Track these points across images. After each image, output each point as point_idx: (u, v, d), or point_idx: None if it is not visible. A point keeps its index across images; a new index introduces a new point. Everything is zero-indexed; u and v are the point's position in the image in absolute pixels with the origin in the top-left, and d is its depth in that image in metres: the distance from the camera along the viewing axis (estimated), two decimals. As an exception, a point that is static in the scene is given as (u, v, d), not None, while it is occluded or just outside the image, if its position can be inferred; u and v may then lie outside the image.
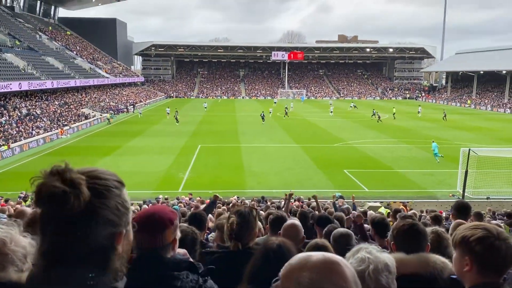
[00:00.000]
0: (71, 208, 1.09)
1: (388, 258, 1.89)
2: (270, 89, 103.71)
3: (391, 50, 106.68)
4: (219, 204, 13.97)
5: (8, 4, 69.53)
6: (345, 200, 15.84)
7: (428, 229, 3.28)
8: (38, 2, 79.42)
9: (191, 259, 2.12)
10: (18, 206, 11.88)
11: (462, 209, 5.10)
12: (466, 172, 20.13)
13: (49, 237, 1.13)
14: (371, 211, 13.59)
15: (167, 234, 1.92)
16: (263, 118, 47.03)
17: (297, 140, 35.92)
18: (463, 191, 20.20)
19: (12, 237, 1.73)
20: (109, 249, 1.19)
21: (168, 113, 52.12)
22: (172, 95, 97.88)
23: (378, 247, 1.95)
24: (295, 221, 3.94)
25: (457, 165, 22.26)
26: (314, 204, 12.82)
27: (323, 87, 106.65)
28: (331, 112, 58.19)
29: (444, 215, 12.52)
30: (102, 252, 1.18)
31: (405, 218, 3.16)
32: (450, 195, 20.80)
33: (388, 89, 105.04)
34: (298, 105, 75.05)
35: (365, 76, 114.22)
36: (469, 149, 20.54)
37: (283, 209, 9.49)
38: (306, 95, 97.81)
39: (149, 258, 1.88)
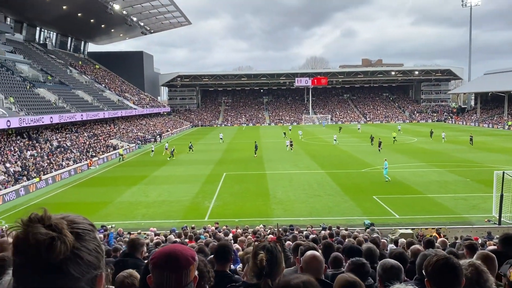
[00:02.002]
0: (59, 254, 1.06)
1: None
2: (294, 115, 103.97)
3: (416, 72, 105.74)
4: (245, 233, 13.78)
5: (41, 42, 72.98)
6: (376, 228, 15.40)
7: (464, 262, 3.08)
8: (69, 39, 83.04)
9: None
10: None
11: (509, 241, 4.85)
12: (502, 196, 19.33)
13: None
14: (402, 239, 13.13)
15: (191, 271, 1.82)
16: (256, 149, 43.51)
17: (323, 166, 35.53)
18: (499, 216, 19.36)
19: None
20: None
21: (167, 149, 46.11)
22: (197, 124, 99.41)
23: (415, 287, 1.82)
24: (316, 252, 3.82)
25: (491, 188, 21.46)
26: (344, 232, 12.49)
27: (349, 111, 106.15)
28: (335, 140, 52.47)
29: (480, 242, 11.96)
30: None
31: (437, 254, 3.00)
32: (486, 220, 19.96)
33: (415, 112, 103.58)
34: (320, 130, 74.74)
35: (391, 99, 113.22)
36: (503, 172, 19.79)
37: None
38: (332, 119, 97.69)
39: None
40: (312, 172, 33.21)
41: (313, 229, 16.31)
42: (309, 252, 3.67)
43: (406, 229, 17.70)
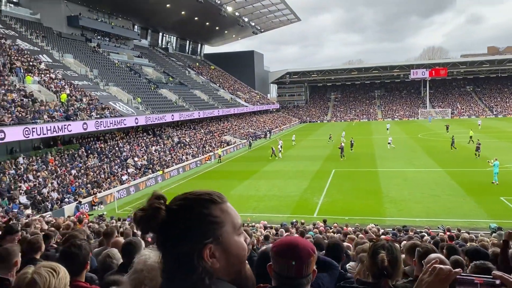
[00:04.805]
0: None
1: None
2: (409, 109, 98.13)
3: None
4: (357, 232, 13.41)
5: (163, 46, 79.69)
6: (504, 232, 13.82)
7: None
8: (187, 42, 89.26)
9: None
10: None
11: None
12: None
13: None
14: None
15: (312, 263, 1.83)
16: (342, 152, 37.98)
17: (442, 164, 32.96)
18: None
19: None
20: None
21: (280, 151, 42.39)
22: (306, 120, 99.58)
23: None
24: (442, 256, 3.54)
25: None
26: (465, 235, 11.44)
27: (472, 104, 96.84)
28: (389, 143, 44.21)
29: None
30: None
31: None
32: None
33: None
34: (430, 125, 69.21)
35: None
36: None
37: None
38: (452, 113, 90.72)
39: None
40: (429, 171, 31.05)
41: (430, 230, 15.26)
42: (434, 255, 3.43)
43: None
